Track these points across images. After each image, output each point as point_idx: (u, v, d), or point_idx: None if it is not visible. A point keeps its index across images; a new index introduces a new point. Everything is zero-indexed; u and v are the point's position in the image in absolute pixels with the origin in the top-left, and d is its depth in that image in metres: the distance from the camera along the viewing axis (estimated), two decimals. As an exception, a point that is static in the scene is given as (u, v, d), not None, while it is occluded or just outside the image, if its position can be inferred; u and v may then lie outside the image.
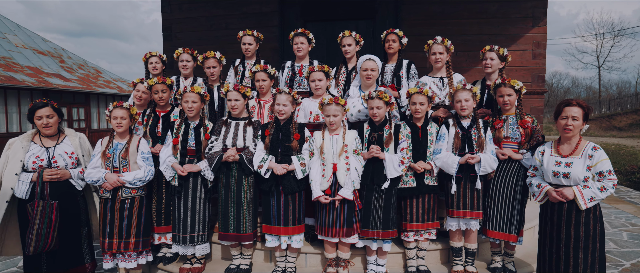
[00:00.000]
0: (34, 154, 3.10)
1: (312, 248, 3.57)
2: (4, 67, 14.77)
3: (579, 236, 2.70)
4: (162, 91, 3.55)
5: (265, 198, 3.26)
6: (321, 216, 3.19)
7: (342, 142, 3.11)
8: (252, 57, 4.20)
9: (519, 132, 3.23)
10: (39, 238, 3.00)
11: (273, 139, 3.21)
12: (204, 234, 3.44)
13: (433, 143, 3.28)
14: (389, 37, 3.85)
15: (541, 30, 5.83)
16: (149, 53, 4.16)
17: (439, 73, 3.74)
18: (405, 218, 3.28)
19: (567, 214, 2.73)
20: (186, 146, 3.38)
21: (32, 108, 3.15)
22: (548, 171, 2.81)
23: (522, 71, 5.92)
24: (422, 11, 5.98)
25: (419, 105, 3.17)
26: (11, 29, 18.11)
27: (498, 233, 3.27)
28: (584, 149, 2.74)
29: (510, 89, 3.20)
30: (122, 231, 3.26)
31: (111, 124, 3.28)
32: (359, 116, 3.52)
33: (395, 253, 3.51)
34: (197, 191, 3.40)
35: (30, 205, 3.00)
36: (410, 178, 3.25)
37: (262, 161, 3.14)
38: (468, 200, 3.19)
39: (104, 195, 3.24)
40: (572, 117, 2.71)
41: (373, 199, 3.14)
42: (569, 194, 2.69)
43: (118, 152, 3.28)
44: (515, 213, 3.23)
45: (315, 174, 3.15)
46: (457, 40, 5.80)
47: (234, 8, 6.59)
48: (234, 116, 3.38)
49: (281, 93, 3.20)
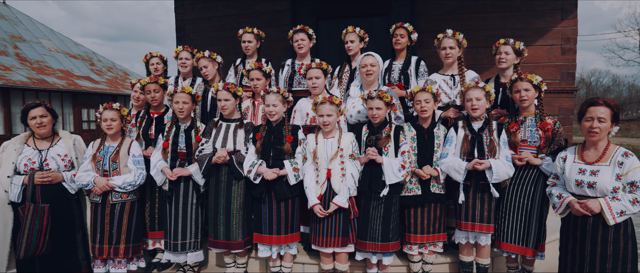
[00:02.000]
0: (26, 156, 3.04)
1: (309, 258, 3.34)
2: (37, 71, 15.42)
3: (606, 255, 2.34)
4: (154, 90, 3.42)
5: (257, 205, 3.06)
6: (315, 225, 2.95)
7: (337, 146, 2.86)
8: (253, 55, 4.02)
9: (538, 135, 2.87)
10: (30, 242, 2.94)
11: (264, 142, 3.01)
12: (197, 241, 3.28)
13: (440, 147, 2.98)
14: (397, 31, 3.58)
15: (571, 24, 5.36)
16: (150, 54, 4.06)
17: (450, 70, 3.42)
18: (409, 229, 3.00)
19: (593, 229, 2.37)
20: (177, 149, 3.24)
21: (25, 109, 3.10)
22: (570, 180, 2.46)
23: (550, 67, 5.46)
24: (440, 6, 5.64)
25: (424, 103, 2.88)
26: (45, 34, 18.93)
27: (513, 246, 2.92)
28: (612, 156, 2.38)
29: (528, 84, 2.86)
30: (112, 236, 3.15)
31: (101, 126, 3.18)
32: (359, 118, 3.26)
33: (398, 266, 3.22)
34: (189, 196, 3.24)
35: (21, 208, 2.94)
36: (414, 185, 2.97)
37: (252, 166, 2.94)
38: (477, 211, 2.86)
39: (94, 199, 3.14)
40: (598, 118, 2.35)
41: (371, 208, 2.87)
42: (594, 207, 2.33)
43: (108, 155, 3.18)
44: (533, 225, 2.88)
45: (310, 180, 2.92)
46: (479, 36, 5.44)
47: (246, 7, 6.48)
48: (225, 117, 3.21)
49: (269, 93, 2.99)
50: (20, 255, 2.93)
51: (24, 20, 18.67)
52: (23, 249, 2.92)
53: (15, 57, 15.54)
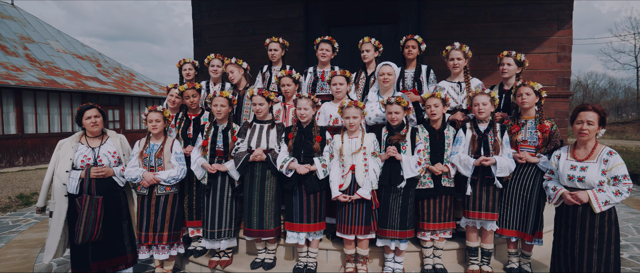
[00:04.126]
0: (81, 153, 3.42)
1: (332, 245, 3.75)
2: (47, 72, 15.74)
3: (593, 238, 2.75)
4: (192, 95, 3.82)
5: (288, 197, 3.46)
6: (341, 214, 3.36)
7: (360, 144, 3.27)
8: (278, 62, 4.42)
9: (537, 136, 3.29)
10: (87, 229, 3.31)
11: (296, 141, 3.41)
12: (231, 230, 3.67)
13: (450, 146, 3.39)
14: (408, 43, 3.98)
15: (567, 33, 5.78)
16: (183, 60, 4.46)
17: (457, 78, 3.83)
18: (423, 218, 3.41)
19: (582, 217, 2.79)
20: (215, 148, 3.63)
21: (81, 110, 3.48)
22: (563, 175, 2.87)
23: (546, 74, 5.88)
24: (444, 15, 6.05)
25: (433, 107, 3.29)
26: (53, 35, 19.24)
27: (513, 231, 3.35)
28: (599, 154, 2.79)
29: (530, 89, 3.28)
30: (156, 225, 3.53)
31: (147, 127, 3.57)
32: (376, 120, 3.67)
33: (412, 252, 3.63)
34: (225, 189, 3.63)
35: (78, 200, 3.32)
36: (428, 179, 3.38)
37: (284, 162, 3.35)
38: (484, 201, 3.28)
39: (141, 191, 3.53)
40: (587, 121, 2.76)
41: (391, 200, 3.28)
42: (583, 197, 2.74)
43: (154, 152, 3.56)
44: (531, 214, 3.30)
45: (335, 175, 3.32)
46: (480, 44, 5.86)
47: (261, 14, 6.85)
48: (259, 119, 3.60)
49: (302, 98, 3.40)
50: (78, 240, 3.31)
51: (32, 22, 18.98)
52: (81, 235, 3.30)
53: (26, 58, 15.86)
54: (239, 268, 3.67)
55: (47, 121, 14.71)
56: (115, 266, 3.56)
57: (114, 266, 3.55)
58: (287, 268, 3.62)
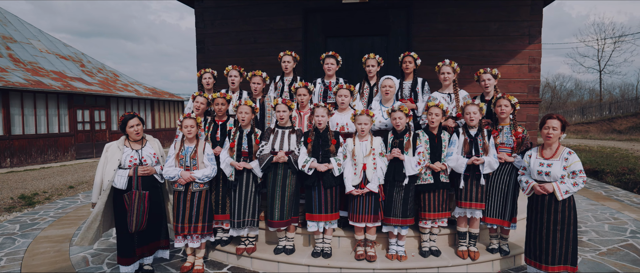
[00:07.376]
0: (128, 155, 3.90)
1: (343, 233, 4.38)
2: (32, 72, 15.66)
3: (557, 220, 3.48)
4: (221, 103, 4.36)
5: (308, 192, 4.06)
6: (352, 206, 3.98)
7: (370, 146, 3.90)
8: (290, 74, 5.00)
9: (513, 139, 4.01)
10: (137, 220, 3.80)
11: (314, 144, 4.01)
12: (254, 220, 4.22)
13: (446, 148, 4.07)
14: (405, 59, 4.64)
15: (536, 47, 6.60)
16: (203, 70, 4.98)
17: (447, 90, 4.52)
18: (424, 208, 4.07)
19: (548, 204, 3.51)
20: (240, 149, 4.18)
21: (124, 120, 3.95)
22: (533, 171, 3.59)
23: (519, 83, 6.69)
24: (431, 29, 6.76)
25: (434, 116, 3.94)
26: (35, 34, 19.02)
27: (494, 219, 4.06)
28: (561, 154, 3.51)
29: (507, 101, 3.99)
30: (191, 217, 4.05)
31: (183, 132, 4.08)
32: (379, 126, 4.32)
33: (412, 237, 4.31)
34: (249, 185, 4.19)
35: (127, 195, 3.80)
36: (428, 175, 4.03)
37: (305, 162, 3.95)
38: (474, 193, 3.98)
39: (178, 188, 4.04)
40: (552, 127, 3.48)
41: (394, 193, 3.93)
42: (549, 188, 3.46)
43: (188, 154, 4.08)
44: (508, 204, 4.02)
45: (348, 173, 3.94)
46: (462, 55, 6.59)
47: (262, 24, 7.35)
48: (280, 125, 4.18)
49: (319, 107, 4.00)
50: (131, 229, 3.79)
51: (13, 21, 18.71)
52: (134, 225, 3.79)
53: (9, 59, 15.72)
54: (263, 254, 4.24)
55: (34, 122, 14.67)
56: (152, 249, 4.07)
57: (151, 249, 4.06)
58: (305, 253, 4.22)
